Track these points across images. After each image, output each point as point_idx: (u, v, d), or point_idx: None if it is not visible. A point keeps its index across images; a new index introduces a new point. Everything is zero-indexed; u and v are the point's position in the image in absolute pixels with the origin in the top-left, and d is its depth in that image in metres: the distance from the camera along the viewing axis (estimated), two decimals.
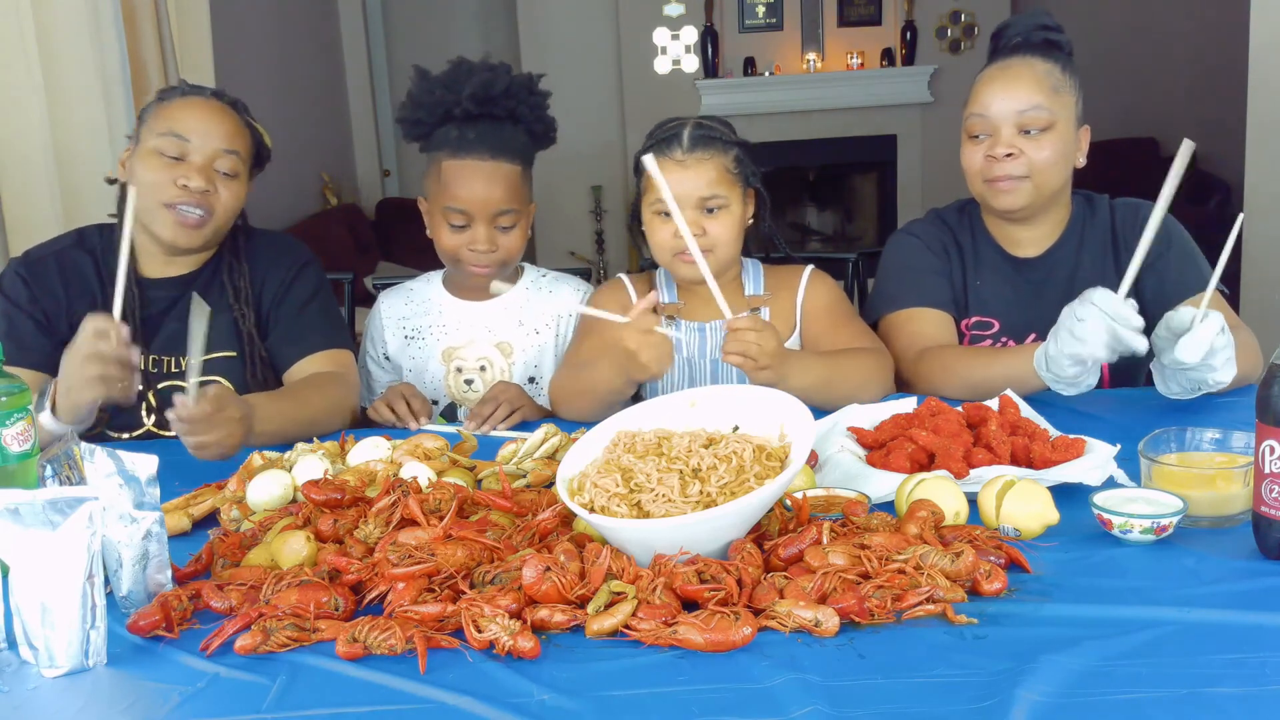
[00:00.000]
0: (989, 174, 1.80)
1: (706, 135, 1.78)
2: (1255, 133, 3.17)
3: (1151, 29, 6.41)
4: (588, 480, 1.20)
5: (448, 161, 1.87)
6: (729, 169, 1.78)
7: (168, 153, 1.75)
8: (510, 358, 1.98)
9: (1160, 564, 1.15)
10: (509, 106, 1.88)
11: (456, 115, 1.87)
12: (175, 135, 1.75)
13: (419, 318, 2.03)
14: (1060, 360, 1.54)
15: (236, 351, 1.83)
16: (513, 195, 1.88)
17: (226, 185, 1.79)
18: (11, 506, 1.01)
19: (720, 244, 1.79)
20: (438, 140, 1.89)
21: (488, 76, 1.86)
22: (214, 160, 1.77)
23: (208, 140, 1.76)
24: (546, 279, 2.05)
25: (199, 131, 1.76)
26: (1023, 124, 1.76)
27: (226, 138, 1.78)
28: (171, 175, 1.74)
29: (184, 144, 1.75)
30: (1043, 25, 1.84)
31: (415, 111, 1.90)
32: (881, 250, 2.00)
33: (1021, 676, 0.93)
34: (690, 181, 1.76)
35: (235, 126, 1.81)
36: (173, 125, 1.76)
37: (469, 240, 1.88)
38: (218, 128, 1.78)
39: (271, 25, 5.27)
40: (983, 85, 1.80)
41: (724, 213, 1.79)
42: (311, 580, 1.11)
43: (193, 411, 1.45)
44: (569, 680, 0.97)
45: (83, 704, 0.98)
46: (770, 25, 6.51)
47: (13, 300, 1.79)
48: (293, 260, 1.91)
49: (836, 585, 1.06)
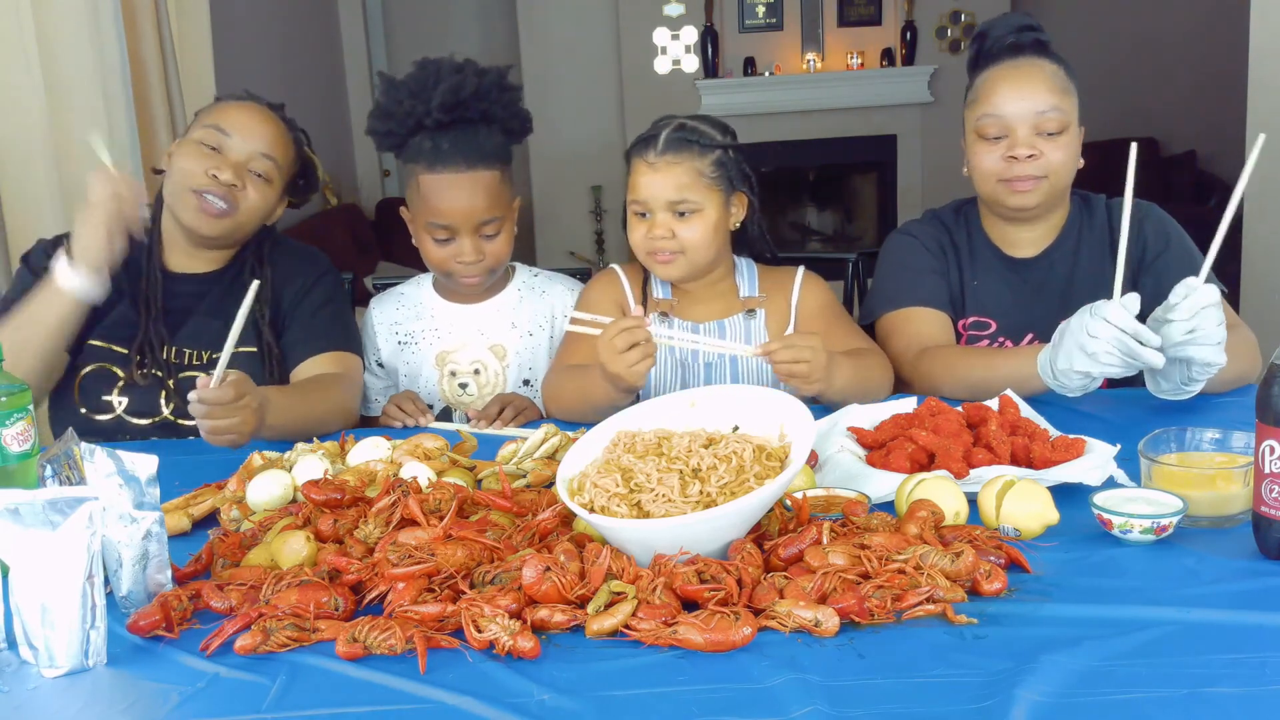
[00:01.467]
0: (1007, 174, 1.78)
1: (683, 138, 1.79)
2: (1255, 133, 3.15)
3: (1152, 30, 6.42)
4: (588, 480, 1.20)
5: (425, 175, 1.83)
6: (704, 173, 1.78)
7: (207, 143, 1.80)
8: (504, 360, 1.98)
9: (1160, 564, 1.15)
10: (481, 108, 1.84)
11: (428, 125, 1.82)
12: (218, 129, 1.80)
13: (411, 322, 2.02)
14: (1070, 374, 1.54)
15: (256, 348, 1.85)
16: (494, 202, 1.85)
17: (256, 186, 1.82)
18: (11, 506, 1.01)
19: (691, 247, 1.80)
20: (412, 151, 1.85)
21: (456, 80, 1.81)
22: (250, 160, 1.81)
23: (248, 139, 1.81)
24: (538, 279, 2.05)
25: (241, 129, 1.81)
26: (1039, 125, 1.76)
27: (267, 141, 1.83)
28: (205, 165, 1.78)
29: (224, 138, 1.80)
30: (1028, 26, 1.84)
31: (386, 123, 1.86)
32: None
33: (1021, 676, 0.93)
34: (659, 185, 1.78)
35: (279, 134, 1.86)
36: (219, 120, 1.82)
37: (455, 253, 1.87)
38: (261, 130, 1.83)
39: (271, 25, 5.27)
40: (994, 85, 1.78)
41: (696, 217, 1.79)
42: (311, 580, 1.11)
43: (216, 394, 1.47)
44: (569, 680, 0.97)
45: (83, 704, 0.98)
46: (770, 25, 6.51)
47: (36, 273, 1.81)
48: (314, 268, 1.94)
49: (836, 585, 1.06)
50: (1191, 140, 6.22)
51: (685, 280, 1.88)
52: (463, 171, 1.82)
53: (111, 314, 1.82)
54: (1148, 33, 6.42)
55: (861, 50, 6.47)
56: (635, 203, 1.82)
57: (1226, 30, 5.22)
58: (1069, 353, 1.53)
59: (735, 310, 1.90)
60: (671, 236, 1.79)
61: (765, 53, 6.51)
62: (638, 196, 1.81)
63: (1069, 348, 1.53)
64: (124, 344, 1.82)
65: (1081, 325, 1.52)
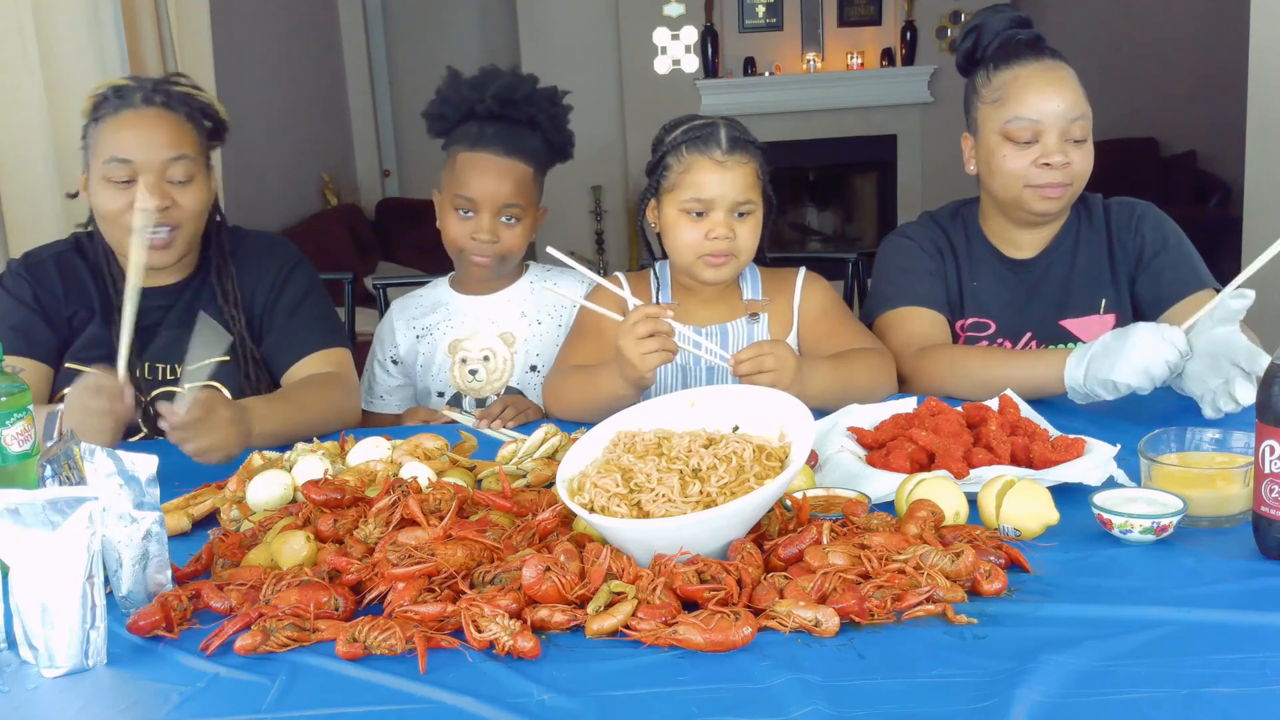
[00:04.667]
0: (1037, 180, 1.76)
1: (743, 138, 1.77)
2: (1255, 133, 3.17)
3: (1152, 29, 6.42)
4: (588, 480, 1.19)
5: (463, 154, 1.93)
6: (759, 174, 1.78)
7: (116, 178, 1.70)
8: (513, 347, 2.01)
9: (1160, 564, 1.15)
10: (529, 112, 1.95)
11: (478, 112, 1.93)
12: (118, 160, 1.70)
13: (428, 316, 2.07)
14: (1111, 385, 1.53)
15: (229, 355, 1.82)
16: (520, 192, 1.93)
17: (184, 192, 1.74)
18: (11, 506, 1.01)
19: (744, 250, 1.79)
20: (458, 136, 1.95)
21: (512, 80, 1.95)
22: (164, 172, 1.72)
23: (151, 154, 1.71)
24: (550, 273, 2.09)
25: (140, 147, 1.70)
26: (1068, 131, 1.74)
27: (170, 144, 1.72)
28: (126, 200, 1.70)
29: (129, 166, 1.70)
30: (1023, 21, 1.83)
31: (441, 107, 1.97)
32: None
33: (1021, 676, 0.93)
34: (728, 184, 1.74)
35: (176, 129, 1.74)
36: (114, 149, 1.70)
37: (473, 229, 1.92)
38: (159, 137, 1.72)
39: (271, 25, 5.27)
40: (1025, 87, 1.75)
41: (751, 218, 1.78)
42: (311, 580, 1.11)
43: (183, 418, 1.46)
44: (569, 680, 0.97)
45: (83, 704, 0.98)
46: (770, 25, 6.51)
47: (16, 296, 1.80)
48: (282, 262, 1.90)
49: (836, 585, 1.06)
50: (1191, 140, 6.22)
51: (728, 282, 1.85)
52: (499, 156, 1.91)
53: (83, 335, 1.80)
54: (1148, 33, 6.42)
55: (861, 50, 6.47)
56: (695, 201, 1.74)
57: (1226, 30, 5.22)
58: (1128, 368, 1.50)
59: (738, 314, 1.89)
60: (732, 237, 1.75)
61: (765, 53, 6.51)
62: (701, 195, 1.74)
63: (1134, 365, 1.50)
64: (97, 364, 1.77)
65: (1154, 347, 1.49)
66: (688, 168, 1.75)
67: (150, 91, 1.75)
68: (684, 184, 1.75)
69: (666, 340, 1.59)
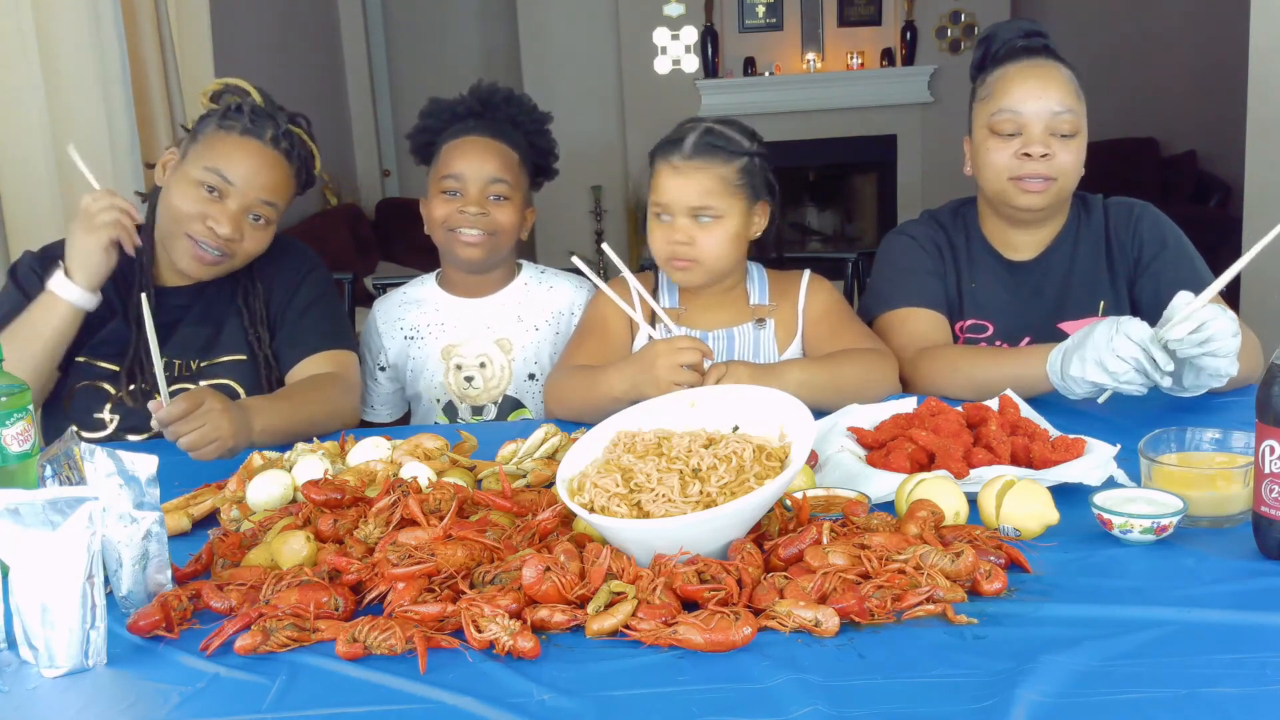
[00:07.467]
0: (1018, 172, 1.77)
1: (711, 143, 1.76)
2: (1255, 133, 3.17)
3: (1151, 29, 6.42)
4: (588, 480, 1.19)
5: (448, 145, 1.94)
6: (730, 180, 1.76)
7: (206, 184, 1.75)
8: (510, 354, 1.98)
9: (1160, 564, 1.15)
10: (510, 112, 1.97)
11: (460, 112, 1.96)
12: (219, 174, 1.75)
13: (416, 317, 2.03)
14: (1081, 382, 1.54)
15: (246, 355, 1.84)
16: (506, 169, 1.93)
17: (253, 233, 1.79)
18: (11, 506, 1.01)
19: (708, 256, 1.77)
20: (443, 138, 1.96)
21: (492, 84, 2.00)
22: (250, 208, 1.77)
23: (249, 188, 1.76)
24: (545, 275, 2.06)
25: (244, 176, 1.76)
26: (1054, 126, 1.75)
27: (270, 189, 1.78)
28: (203, 210, 1.74)
29: (225, 184, 1.75)
30: (1036, 32, 1.84)
31: (425, 120, 2.00)
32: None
33: (1021, 676, 0.93)
34: (683, 189, 1.75)
35: (283, 178, 1.81)
36: (220, 163, 1.75)
37: (460, 205, 1.90)
38: (264, 178, 1.78)
39: (271, 26, 5.27)
40: (1010, 82, 1.77)
41: (716, 224, 1.76)
42: (311, 580, 1.11)
43: (169, 412, 1.46)
44: (569, 680, 0.97)
45: (83, 704, 0.98)
46: (770, 25, 6.51)
47: (23, 289, 1.80)
48: (300, 265, 1.92)
49: (836, 585, 1.06)
50: (1191, 140, 6.23)
51: (700, 287, 1.85)
52: (484, 137, 1.93)
53: (102, 331, 1.80)
54: (1148, 33, 6.42)
55: (861, 50, 6.48)
56: (657, 205, 1.79)
57: (1226, 30, 5.22)
58: (1083, 363, 1.52)
59: (744, 319, 1.87)
60: (690, 243, 1.76)
61: (765, 53, 6.51)
62: (660, 199, 1.78)
63: (1089, 359, 1.51)
64: (113, 360, 1.80)
65: (1108, 341, 1.50)
66: (655, 173, 1.80)
67: (277, 138, 1.81)
68: (653, 188, 1.80)
69: (696, 376, 1.58)
